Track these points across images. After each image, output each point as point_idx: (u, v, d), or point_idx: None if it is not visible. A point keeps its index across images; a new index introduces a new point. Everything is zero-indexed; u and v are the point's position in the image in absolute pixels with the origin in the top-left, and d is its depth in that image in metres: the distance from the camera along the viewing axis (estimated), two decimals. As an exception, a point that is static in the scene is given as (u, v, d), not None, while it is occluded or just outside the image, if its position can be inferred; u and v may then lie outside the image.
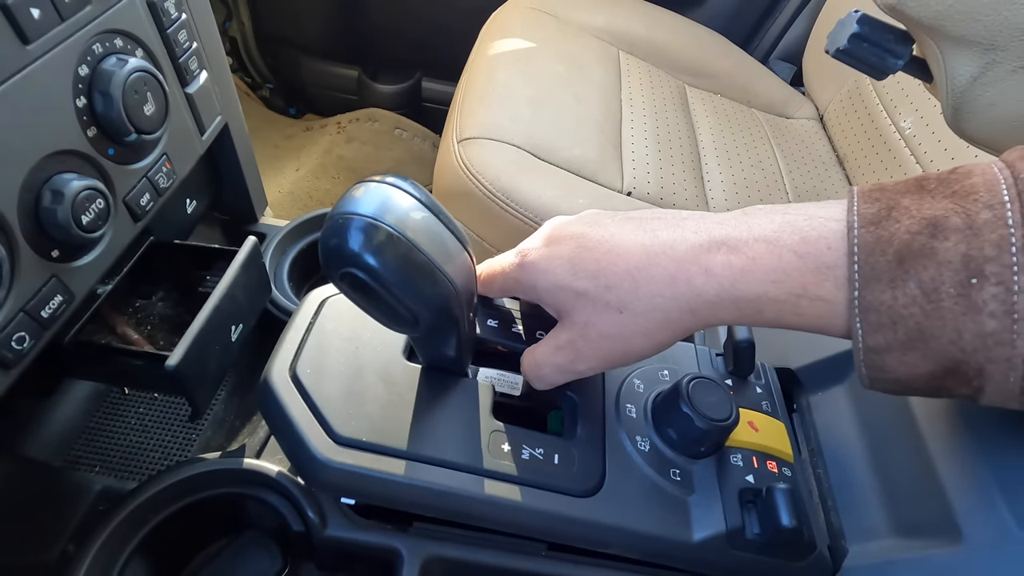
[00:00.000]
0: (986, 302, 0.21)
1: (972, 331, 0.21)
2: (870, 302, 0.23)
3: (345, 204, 0.27)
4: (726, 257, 0.26)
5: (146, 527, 0.34)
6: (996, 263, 0.21)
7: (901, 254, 0.22)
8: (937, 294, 0.22)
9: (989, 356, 0.21)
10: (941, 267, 0.22)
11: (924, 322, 0.22)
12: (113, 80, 0.28)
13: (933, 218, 0.22)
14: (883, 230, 0.23)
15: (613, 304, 0.28)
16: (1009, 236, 0.21)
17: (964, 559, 0.29)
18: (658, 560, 0.34)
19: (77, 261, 0.29)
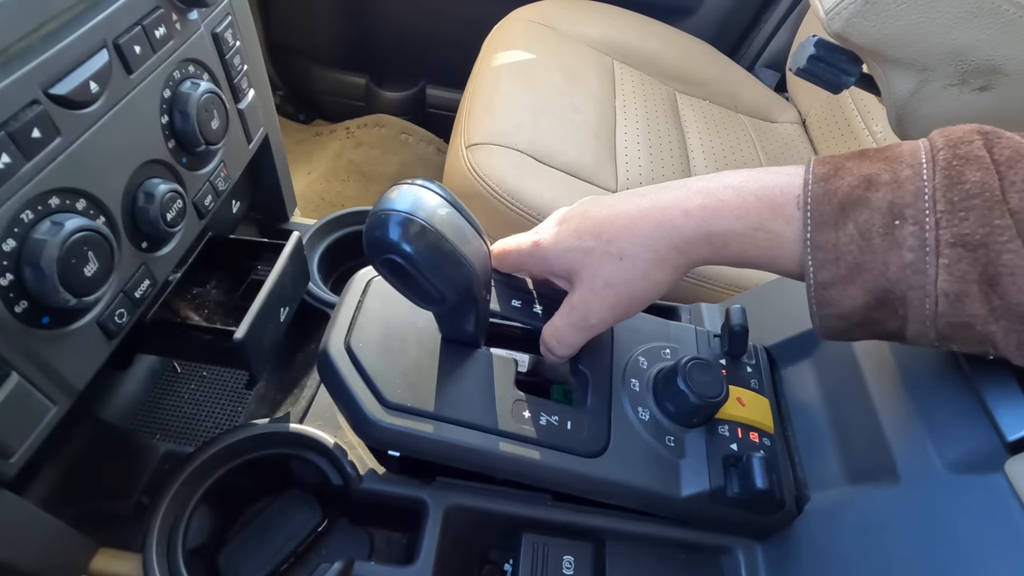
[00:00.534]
0: (905, 238, 0.26)
1: (896, 263, 0.26)
2: (819, 242, 0.28)
3: (385, 202, 0.33)
4: (701, 200, 0.32)
5: (208, 481, 0.40)
6: (913, 208, 0.26)
7: (843, 203, 0.27)
8: (869, 233, 0.26)
9: (909, 284, 0.26)
10: (873, 212, 0.26)
11: (860, 257, 0.27)
12: (190, 101, 0.34)
13: (869, 175, 0.27)
14: (830, 185, 0.28)
15: (614, 253, 0.33)
16: (923, 187, 0.26)
17: (900, 496, 0.35)
18: (652, 511, 0.40)
19: (159, 251, 0.35)
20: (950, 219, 0.25)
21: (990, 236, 0.24)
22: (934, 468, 0.33)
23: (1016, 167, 0.25)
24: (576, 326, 0.37)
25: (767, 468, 0.38)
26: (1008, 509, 0.28)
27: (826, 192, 0.28)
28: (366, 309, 0.40)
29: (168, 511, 0.38)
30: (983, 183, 0.25)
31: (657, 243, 0.33)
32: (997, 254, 0.24)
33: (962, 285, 0.25)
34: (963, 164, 0.25)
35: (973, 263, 0.24)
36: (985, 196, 0.24)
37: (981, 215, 0.24)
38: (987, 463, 0.31)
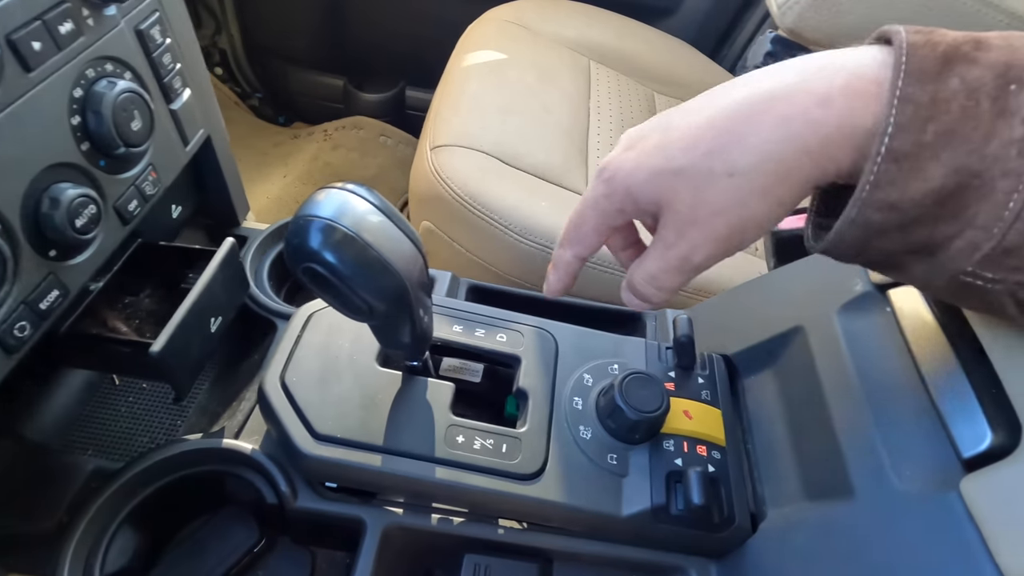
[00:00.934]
0: (1020, 107, 0.21)
1: (1003, 137, 0.21)
2: (911, 94, 0.22)
3: (307, 207, 0.31)
4: (844, 80, 0.23)
5: (134, 501, 0.38)
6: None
7: (948, 55, 0.22)
8: (977, 93, 0.21)
9: (1007, 168, 0.21)
10: (984, 69, 0.22)
11: (959, 121, 0.22)
12: (104, 101, 0.32)
13: (978, 38, 0.23)
14: (933, 35, 0.23)
15: (719, 170, 0.25)
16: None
17: (855, 514, 0.33)
18: (593, 532, 0.39)
19: (72, 260, 0.33)
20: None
21: None
22: (890, 485, 0.32)
23: None
24: (677, 268, 0.29)
25: (705, 483, 0.36)
26: (962, 530, 0.27)
27: (927, 41, 0.22)
28: (304, 342, 0.40)
29: (86, 533, 0.36)
30: None
31: (781, 147, 0.24)
32: None
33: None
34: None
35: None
36: None
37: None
38: (943, 481, 0.29)
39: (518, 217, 0.62)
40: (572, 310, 0.56)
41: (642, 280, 0.31)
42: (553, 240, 0.62)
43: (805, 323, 0.42)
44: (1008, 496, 0.26)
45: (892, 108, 0.22)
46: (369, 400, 0.39)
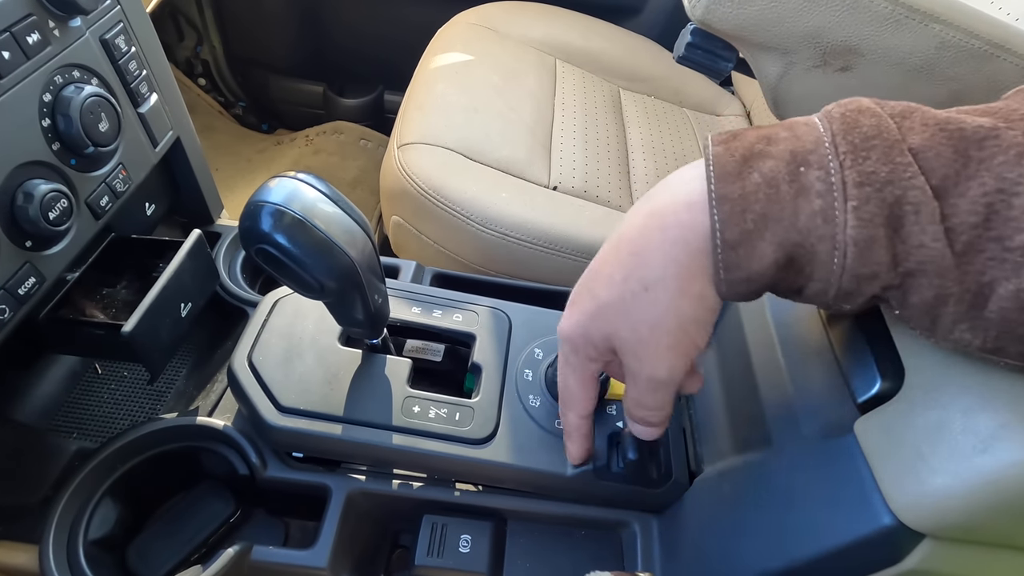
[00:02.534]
0: (812, 183, 0.25)
1: (806, 211, 0.25)
2: (724, 193, 0.26)
3: (258, 194, 0.34)
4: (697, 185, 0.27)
5: (114, 475, 0.41)
6: (815, 154, 0.25)
7: (744, 156, 0.26)
8: (775, 180, 0.25)
9: (820, 235, 0.25)
10: (776, 161, 0.26)
11: (767, 207, 0.25)
12: (71, 104, 0.35)
13: (768, 134, 0.27)
14: (731, 144, 0.27)
15: (635, 289, 0.28)
16: (822, 136, 0.25)
17: (769, 463, 0.36)
18: (544, 491, 0.42)
19: (47, 250, 0.36)
20: (854, 159, 0.24)
21: (894, 173, 0.24)
22: (799, 433, 0.35)
23: (910, 116, 0.25)
24: (651, 389, 0.32)
25: (638, 440, 0.39)
26: (856, 466, 0.30)
27: (727, 149, 0.27)
28: (270, 326, 0.44)
29: (70, 503, 0.39)
30: (879, 127, 0.25)
31: (675, 251, 0.28)
32: (904, 191, 0.23)
33: (870, 229, 0.24)
34: (857, 114, 0.25)
35: (880, 204, 0.24)
36: (883, 136, 0.24)
37: (883, 153, 0.24)
38: (841, 425, 0.32)
39: (479, 208, 0.65)
40: (529, 293, 0.59)
41: (632, 408, 0.35)
42: (512, 229, 0.65)
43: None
44: (891, 432, 0.29)
45: (712, 208, 0.26)
46: (331, 376, 0.42)
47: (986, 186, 0.22)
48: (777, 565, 0.32)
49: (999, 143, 0.23)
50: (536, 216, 0.67)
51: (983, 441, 0.25)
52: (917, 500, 0.26)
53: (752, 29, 0.39)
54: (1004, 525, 0.26)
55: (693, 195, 0.27)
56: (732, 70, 0.44)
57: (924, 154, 0.24)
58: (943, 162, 0.23)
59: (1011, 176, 0.22)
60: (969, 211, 0.23)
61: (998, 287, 0.23)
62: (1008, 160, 0.22)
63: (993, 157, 0.22)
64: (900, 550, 0.28)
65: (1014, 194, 0.22)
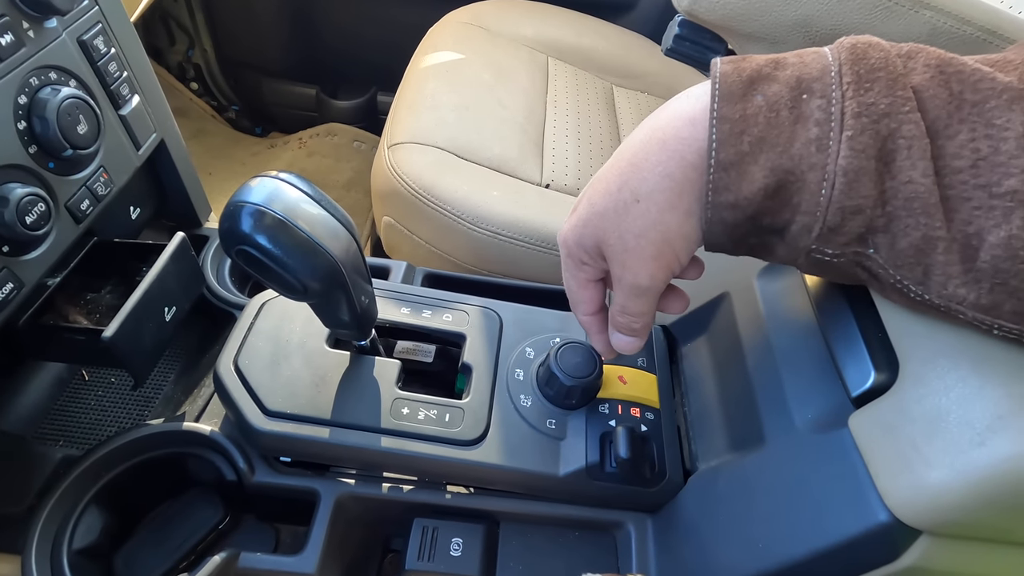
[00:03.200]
0: (812, 111, 0.25)
1: (801, 138, 0.25)
2: (725, 114, 0.26)
3: (238, 194, 0.34)
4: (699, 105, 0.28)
5: (99, 482, 0.41)
6: (820, 82, 0.25)
7: (752, 77, 0.27)
8: (777, 106, 0.26)
9: (811, 163, 0.25)
10: (781, 85, 0.26)
11: (765, 130, 0.26)
12: (48, 106, 0.35)
13: (777, 59, 0.27)
14: (740, 64, 0.27)
15: (629, 199, 0.29)
16: (829, 65, 0.26)
17: (765, 459, 0.36)
18: (536, 492, 0.41)
19: (26, 255, 0.36)
20: (856, 89, 0.24)
21: (893, 105, 0.24)
22: (793, 429, 0.34)
23: (915, 56, 0.25)
24: (634, 294, 0.33)
25: (632, 439, 0.38)
26: (851, 461, 0.29)
27: (735, 69, 0.27)
28: (257, 329, 0.43)
29: (54, 512, 0.38)
30: (886, 59, 0.25)
31: (669, 166, 0.28)
32: (899, 124, 0.24)
33: (860, 160, 0.24)
34: (867, 47, 0.26)
35: (874, 136, 0.24)
36: (889, 69, 0.25)
37: (886, 85, 0.24)
38: (836, 419, 0.32)
39: (470, 207, 0.65)
40: (521, 292, 0.58)
41: (616, 315, 0.35)
42: (504, 228, 0.65)
43: (730, 289, 0.45)
44: (885, 427, 0.28)
45: (712, 127, 0.26)
46: (318, 379, 0.42)
47: (975, 131, 0.23)
48: (773, 564, 0.32)
49: (993, 85, 0.23)
50: (528, 214, 0.66)
51: (980, 434, 0.24)
52: (913, 496, 0.25)
53: (739, 19, 0.38)
54: (1002, 520, 0.25)
55: (696, 111, 0.27)
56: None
57: (922, 93, 0.24)
58: (938, 103, 0.23)
59: (999, 121, 0.22)
60: (955, 155, 0.23)
61: (988, 235, 0.23)
62: (999, 104, 0.22)
63: (986, 100, 0.23)
64: (897, 547, 0.27)
65: (1001, 139, 0.22)
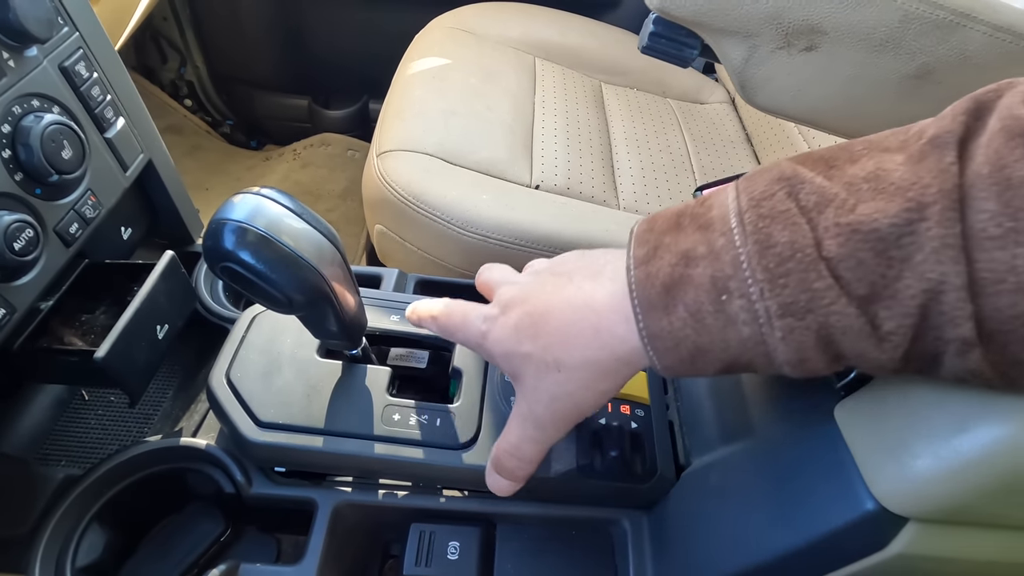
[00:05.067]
0: (737, 313, 0.24)
1: (735, 339, 0.25)
2: (653, 330, 0.26)
3: (220, 211, 0.34)
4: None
5: (101, 500, 0.41)
6: (735, 279, 0.24)
7: (667, 285, 0.26)
8: (700, 313, 0.25)
9: (753, 355, 0.25)
10: (698, 290, 0.25)
11: (697, 339, 0.25)
12: (31, 134, 0.35)
13: (686, 250, 0.26)
14: (651, 267, 0.26)
15: (551, 364, 0.29)
16: (739, 255, 0.24)
17: (754, 450, 0.36)
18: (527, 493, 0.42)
19: (17, 281, 0.36)
20: (771, 288, 0.23)
21: (813, 302, 0.23)
22: (781, 421, 0.34)
23: (825, 212, 0.23)
24: (533, 439, 0.33)
25: (620, 436, 0.39)
26: (837, 451, 0.29)
27: (647, 276, 0.26)
28: (248, 342, 0.44)
29: (56, 531, 0.39)
30: (792, 242, 0.23)
31: (598, 355, 0.29)
32: (825, 318, 0.23)
33: (801, 353, 0.24)
34: (769, 223, 0.24)
35: (805, 331, 0.23)
36: (798, 258, 0.23)
37: (799, 279, 0.23)
38: (823, 410, 0.32)
39: (459, 211, 0.65)
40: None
41: (504, 451, 0.35)
42: (494, 231, 0.65)
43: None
44: (870, 415, 0.28)
45: (645, 343, 0.27)
46: (310, 389, 0.42)
47: (912, 288, 0.21)
48: (764, 556, 0.32)
49: (915, 240, 0.21)
50: (517, 216, 0.66)
51: (961, 421, 0.24)
52: (898, 484, 0.26)
53: (711, 14, 0.38)
54: (988, 504, 0.25)
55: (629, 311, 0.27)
56: (698, 57, 0.44)
57: (845, 263, 0.22)
58: (867, 269, 0.22)
59: (933, 276, 0.21)
60: (904, 314, 0.22)
61: (945, 361, 0.22)
62: (926, 259, 0.21)
63: (911, 257, 0.21)
64: (885, 535, 0.27)
65: (940, 292, 0.21)
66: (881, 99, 0.40)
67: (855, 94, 0.40)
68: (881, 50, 0.38)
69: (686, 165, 0.87)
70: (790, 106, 0.43)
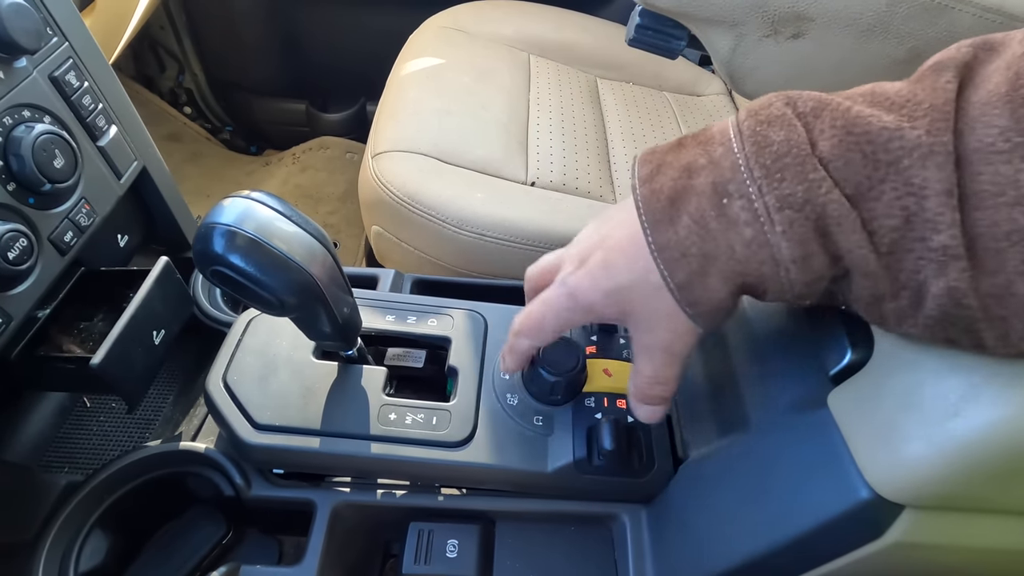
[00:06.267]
0: (738, 214, 0.25)
1: (739, 242, 0.25)
2: (661, 242, 0.27)
3: (210, 215, 0.34)
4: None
5: (101, 507, 0.42)
6: (734, 182, 0.25)
7: (671, 197, 0.27)
8: (704, 219, 0.26)
9: (760, 259, 0.25)
10: (700, 197, 0.26)
11: (703, 246, 0.26)
12: (22, 144, 0.36)
13: (687, 163, 0.27)
14: (655, 183, 0.28)
15: (655, 282, 0.29)
16: (737, 160, 0.25)
17: (749, 441, 0.36)
18: (527, 489, 0.42)
19: (12, 290, 0.37)
20: (768, 183, 0.24)
21: (809, 191, 0.23)
22: (775, 410, 0.34)
23: (821, 115, 0.24)
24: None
25: (617, 430, 0.38)
26: (831, 438, 0.29)
27: (652, 191, 0.27)
28: (244, 345, 0.44)
29: (58, 537, 0.39)
30: (788, 140, 0.24)
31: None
32: (822, 207, 0.23)
33: (803, 247, 0.24)
34: (766, 127, 0.25)
35: (804, 223, 0.24)
36: (794, 153, 0.24)
37: (795, 172, 0.24)
38: (816, 399, 0.31)
39: (454, 210, 0.65)
40: (511, 291, 0.58)
41: (647, 384, 0.35)
42: (489, 228, 0.65)
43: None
44: (863, 403, 0.28)
45: (655, 257, 0.27)
46: (306, 390, 0.42)
47: (898, 190, 0.22)
48: (762, 547, 0.32)
49: (903, 144, 0.22)
50: (512, 214, 0.66)
51: (954, 404, 0.24)
52: (892, 470, 0.25)
53: (696, 4, 0.38)
54: (983, 489, 0.25)
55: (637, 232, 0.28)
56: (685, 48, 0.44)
57: (834, 163, 0.23)
58: (854, 170, 0.23)
59: (917, 180, 0.22)
60: (886, 215, 0.23)
61: (931, 286, 0.23)
62: (913, 163, 0.22)
63: (899, 161, 0.22)
64: (881, 523, 0.27)
65: (923, 197, 0.22)
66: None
67: (845, 80, 0.39)
68: (869, 35, 0.38)
69: (683, 158, 0.87)
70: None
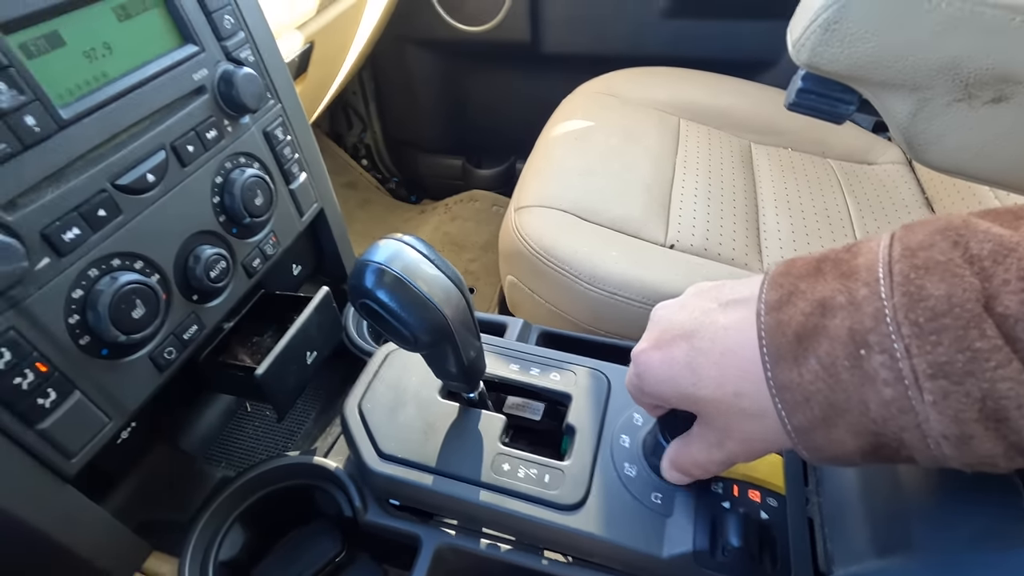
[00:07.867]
0: (877, 370, 0.22)
1: (875, 400, 0.22)
2: (782, 381, 0.24)
3: (366, 254, 0.38)
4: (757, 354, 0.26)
5: (243, 504, 0.47)
6: (876, 333, 0.22)
7: (799, 334, 0.24)
8: (834, 367, 0.23)
9: (900, 424, 0.22)
10: (833, 342, 0.23)
11: (831, 396, 0.23)
12: (236, 184, 0.43)
13: (823, 299, 0.24)
14: (783, 314, 0.25)
15: (749, 411, 0.27)
16: (883, 308, 0.21)
17: (912, 567, 0.30)
18: (633, 572, 0.38)
19: (209, 303, 0.44)
20: (920, 345, 0.20)
21: (974, 363, 0.20)
22: (955, 541, 0.28)
23: (1004, 262, 0.20)
24: (721, 463, 0.32)
25: (747, 526, 0.34)
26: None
27: (779, 323, 0.25)
28: (380, 376, 0.47)
29: (207, 526, 0.44)
30: (950, 296, 0.20)
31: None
32: (991, 384, 0.19)
33: (961, 426, 0.20)
34: (923, 274, 0.21)
35: (965, 399, 0.20)
36: (956, 312, 0.20)
37: (955, 337, 0.20)
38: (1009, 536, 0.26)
39: (587, 267, 0.65)
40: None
41: (692, 465, 0.34)
42: (621, 287, 0.64)
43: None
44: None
45: (773, 396, 0.25)
46: (428, 427, 0.44)
47: None
48: None
49: None
50: (646, 274, 0.64)
51: None
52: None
53: (869, 68, 0.35)
54: None
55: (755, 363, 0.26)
56: (855, 112, 0.40)
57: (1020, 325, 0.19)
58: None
59: None
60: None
61: None
62: None
63: None
64: None
65: None
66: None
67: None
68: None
69: (846, 229, 0.79)
70: (972, 165, 0.37)
